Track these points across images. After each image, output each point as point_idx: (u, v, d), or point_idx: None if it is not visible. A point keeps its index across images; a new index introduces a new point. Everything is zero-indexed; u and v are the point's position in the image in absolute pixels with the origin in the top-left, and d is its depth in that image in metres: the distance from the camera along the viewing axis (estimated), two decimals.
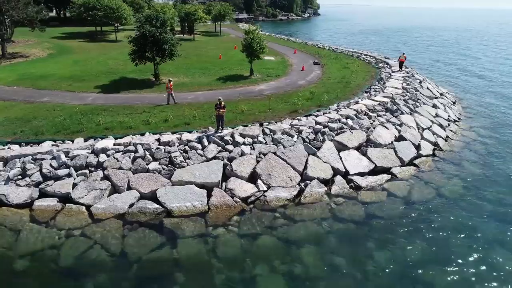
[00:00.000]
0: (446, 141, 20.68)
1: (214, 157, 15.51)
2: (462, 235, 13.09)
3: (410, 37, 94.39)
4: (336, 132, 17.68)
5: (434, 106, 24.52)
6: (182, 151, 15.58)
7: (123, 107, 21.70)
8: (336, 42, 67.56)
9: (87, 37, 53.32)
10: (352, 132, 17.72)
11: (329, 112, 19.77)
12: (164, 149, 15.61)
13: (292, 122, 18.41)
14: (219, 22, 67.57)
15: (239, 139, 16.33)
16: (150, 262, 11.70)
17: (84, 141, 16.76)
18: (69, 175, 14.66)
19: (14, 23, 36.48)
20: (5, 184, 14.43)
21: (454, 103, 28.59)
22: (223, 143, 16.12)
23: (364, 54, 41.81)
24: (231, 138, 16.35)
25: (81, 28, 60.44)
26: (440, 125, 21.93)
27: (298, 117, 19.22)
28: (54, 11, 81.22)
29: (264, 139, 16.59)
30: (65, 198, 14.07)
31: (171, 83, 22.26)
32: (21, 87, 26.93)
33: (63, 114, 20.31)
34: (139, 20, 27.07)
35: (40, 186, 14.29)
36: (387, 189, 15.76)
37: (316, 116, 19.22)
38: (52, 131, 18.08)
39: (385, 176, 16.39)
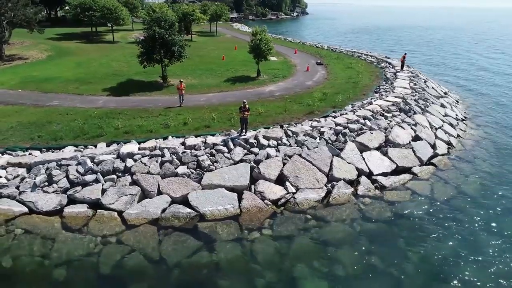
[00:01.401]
0: (458, 139, 21.18)
1: (241, 160, 15.58)
2: (487, 231, 13.51)
3: (401, 35, 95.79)
4: (356, 133, 17.94)
5: (442, 105, 25.05)
6: (209, 155, 15.60)
7: (137, 110, 21.55)
8: (330, 41, 68.02)
9: (82, 38, 52.50)
10: (372, 133, 18.01)
11: (346, 113, 20.03)
12: (191, 152, 15.60)
13: (312, 123, 18.58)
14: (214, 22, 67.35)
15: (263, 141, 16.43)
16: (190, 267, 11.72)
17: (107, 146, 16.63)
18: (96, 181, 14.53)
19: (12, 25, 35.68)
20: (31, 191, 14.23)
21: (457, 102, 29.23)
22: (248, 146, 16.20)
23: (364, 54, 42.32)
24: (255, 141, 16.44)
25: (75, 29, 59.57)
26: (451, 124, 22.43)
27: (317, 119, 19.42)
28: (45, 11, 79.57)
29: (288, 141, 16.74)
30: (95, 204, 13.95)
31: (183, 84, 22.21)
32: (26, 90, 26.46)
33: (78, 118, 20.06)
34: (147, 22, 26.84)
35: (69, 193, 14.13)
36: (410, 188, 16.08)
37: (334, 117, 19.44)
38: (71, 136, 17.86)
39: (407, 176, 16.72)
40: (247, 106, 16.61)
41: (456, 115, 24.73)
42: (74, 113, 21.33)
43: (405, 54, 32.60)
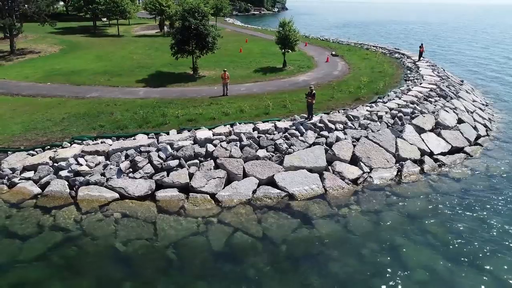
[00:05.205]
0: (490, 123, 22.56)
1: (314, 143, 16.20)
2: None
3: (384, 29, 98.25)
4: (409, 116, 18.89)
5: (467, 91, 26.47)
6: (284, 138, 16.13)
7: (186, 100, 21.72)
8: (323, 35, 68.96)
9: (84, 32, 51.25)
10: (424, 116, 19.02)
11: (393, 99, 20.97)
12: (266, 137, 16.08)
13: (366, 108, 19.40)
14: (213, 17, 66.96)
15: (330, 125, 17.10)
16: (295, 241, 12.24)
17: (178, 133, 16.82)
18: (180, 166, 14.78)
19: (24, 17, 34.60)
20: (118, 178, 14.34)
21: (473, 89, 30.81)
22: (317, 129, 16.83)
23: (373, 46, 43.60)
24: (323, 125, 17.08)
25: (72, 23, 58.06)
26: (480, 109, 23.81)
27: (367, 104, 20.25)
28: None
29: (353, 125, 17.48)
30: (184, 188, 14.24)
31: (227, 73, 22.53)
32: (55, 83, 26.06)
33: (131, 108, 20.11)
34: (180, 13, 26.81)
35: (156, 178, 14.34)
36: (468, 166, 17.18)
37: (385, 102, 20.35)
38: (135, 125, 17.95)
39: (462, 155, 17.83)
40: (313, 91, 17.21)
41: (480, 100, 26.20)
42: (122, 103, 21.29)
43: (422, 44, 33.89)
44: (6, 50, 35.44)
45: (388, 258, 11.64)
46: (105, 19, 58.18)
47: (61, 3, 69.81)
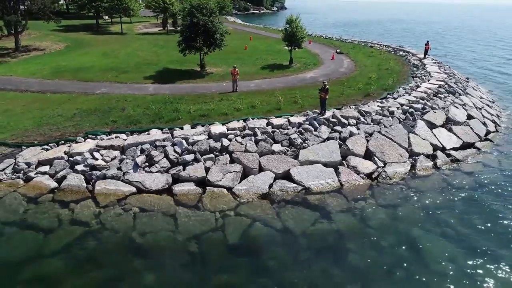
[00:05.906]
0: (498, 119, 22.68)
1: (328, 138, 16.26)
2: None
3: (384, 28, 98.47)
4: (420, 112, 18.97)
5: (474, 88, 26.59)
6: (299, 133, 16.18)
7: (197, 96, 21.75)
8: (325, 33, 69.09)
9: (87, 30, 51.10)
10: (435, 112, 19.11)
11: (403, 95, 21.06)
12: (281, 132, 16.12)
13: (377, 104, 19.48)
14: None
15: (343, 120, 17.16)
16: (314, 234, 12.30)
17: (191, 128, 16.84)
18: (196, 160, 14.81)
19: (28, 14, 34.50)
20: (134, 172, 14.35)
21: (478, 87, 30.94)
22: (331, 124, 16.89)
23: (377, 44, 43.69)
24: (336, 120, 17.14)
25: (74, 21, 57.88)
26: (488, 105, 23.93)
27: (378, 100, 20.32)
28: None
29: (366, 120, 17.54)
30: (200, 182, 14.26)
31: (237, 69, 22.57)
32: (63, 80, 26.03)
33: (142, 104, 20.12)
34: (188, 9, 26.76)
35: (172, 172, 14.36)
36: (480, 161, 17.27)
37: (395, 98, 20.43)
38: (148, 120, 17.95)
39: (473, 150, 17.94)
40: (326, 87, 17.26)
41: (487, 97, 26.32)
42: (132, 99, 21.29)
43: (428, 42, 33.95)
44: (11, 47, 35.38)
45: (406, 250, 11.73)
46: (107, 17, 58.13)
47: (62, 1, 69.62)
